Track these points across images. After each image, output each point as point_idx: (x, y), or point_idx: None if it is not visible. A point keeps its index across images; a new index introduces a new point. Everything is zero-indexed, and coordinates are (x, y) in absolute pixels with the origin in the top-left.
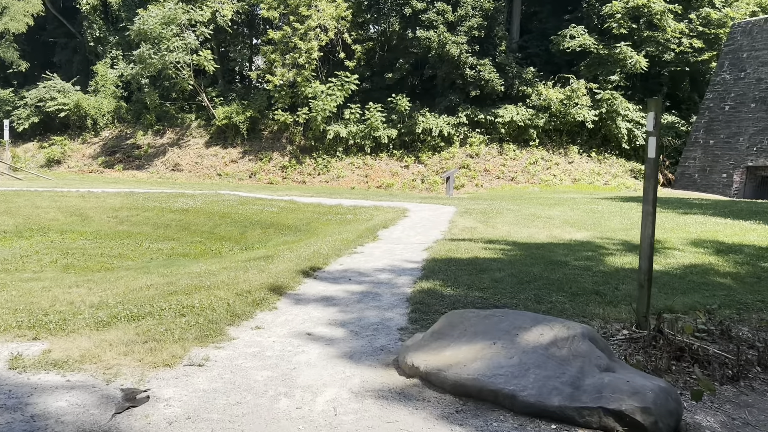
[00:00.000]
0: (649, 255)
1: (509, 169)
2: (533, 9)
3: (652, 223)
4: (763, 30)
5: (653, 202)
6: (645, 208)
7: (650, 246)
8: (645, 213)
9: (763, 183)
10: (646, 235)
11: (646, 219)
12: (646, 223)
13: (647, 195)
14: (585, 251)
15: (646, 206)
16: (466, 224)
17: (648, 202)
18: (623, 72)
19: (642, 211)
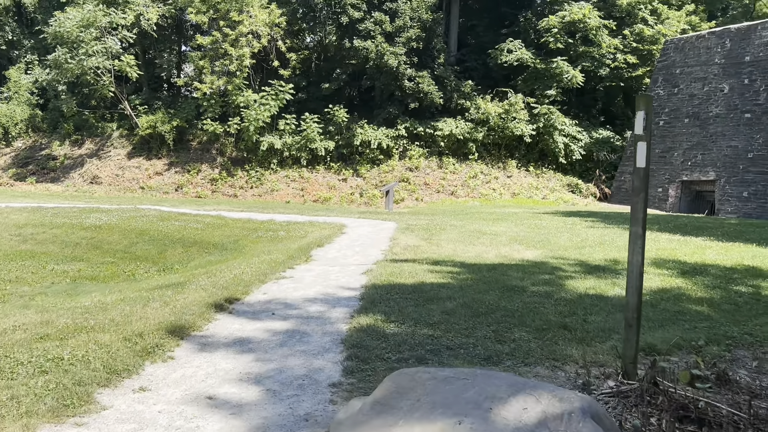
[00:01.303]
0: (638, 287)
1: (449, 182)
2: (471, 23)
3: (641, 247)
4: (695, 47)
5: (643, 222)
6: (633, 230)
7: (639, 276)
8: (633, 236)
9: (697, 197)
10: (635, 263)
11: (634, 243)
12: (634, 248)
13: (635, 213)
14: (541, 274)
15: (634, 227)
16: (409, 242)
17: (636, 222)
18: (560, 87)
19: (629, 233)
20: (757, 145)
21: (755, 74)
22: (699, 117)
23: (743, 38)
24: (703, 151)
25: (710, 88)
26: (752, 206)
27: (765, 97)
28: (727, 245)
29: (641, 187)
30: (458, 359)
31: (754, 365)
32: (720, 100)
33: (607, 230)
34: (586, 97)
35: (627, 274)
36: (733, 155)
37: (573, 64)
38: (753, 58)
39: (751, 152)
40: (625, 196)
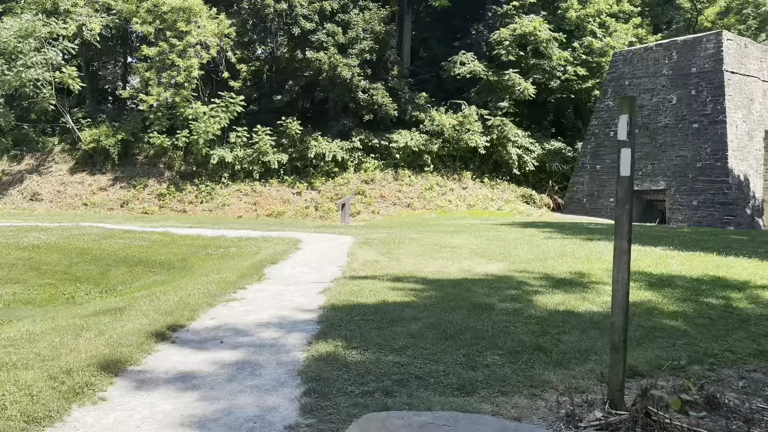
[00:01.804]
0: (625, 307)
1: (405, 195)
2: (423, 35)
3: (627, 263)
4: (643, 59)
5: (628, 235)
6: (618, 244)
7: (626, 294)
8: (618, 251)
9: (648, 206)
10: (621, 281)
11: (619, 259)
12: (619, 264)
13: (621, 226)
14: (507, 289)
15: (619, 241)
16: (367, 257)
17: (622, 236)
18: (512, 99)
19: (614, 247)
20: (705, 155)
21: (702, 85)
22: (648, 128)
23: (689, 50)
24: (653, 161)
25: (659, 99)
26: (702, 215)
27: (712, 108)
28: (688, 255)
29: (626, 198)
30: (429, 390)
31: (740, 385)
32: (668, 110)
33: (565, 241)
34: (537, 109)
35: (612, 292)
36: (683, 165)
37: (525, 76)
38: (699, 70)
39: (700, 162)
40: (577, 207)
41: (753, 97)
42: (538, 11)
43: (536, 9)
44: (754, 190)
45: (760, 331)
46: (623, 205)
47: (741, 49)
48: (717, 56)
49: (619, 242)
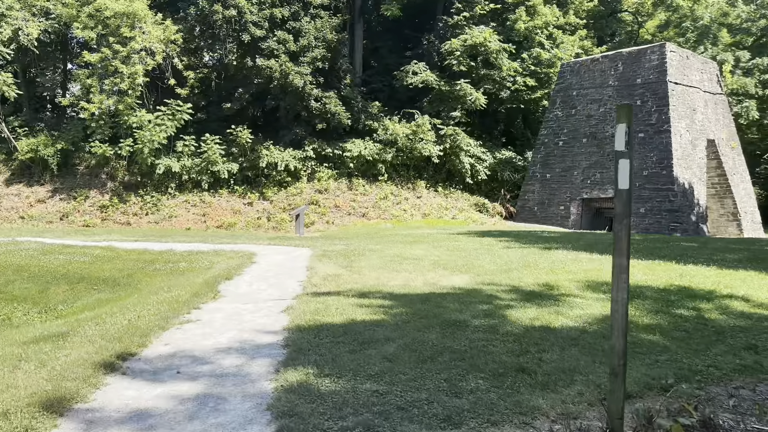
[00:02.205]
0: (624, 328)
1: (360, 204)
2: (375, 45)
3: (626, 282)
4: (590, 70)
5: (627, 252)
6: (617, 262)
7: (625, 315)
8: (617, 269)
9: (597, 214)
10: (620, 301)
11: (618, 278)
12: (618, 283)
13: (620, 242)
14: (478, 303)
15: (618, 258)
16: (328, 271)
17: (621, 253)
18: (464, 108)
19: (612, 266)
20: (651, 164)
21: (647, 95)
22: (596, 137)
23: (634, 62)
24: (601, 169)
25: (606, 109)
26: (649, 221)
27: (657, 118)
28: (649, 263)
29: (624, 212)
30: (414, 423)
31: (731, 404)
32: (615, 120)
33: (525, 251)
34: (488, 119)
35: (611, 313)
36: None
37: (476, 86)
38: (644, 81)
39: (646, 170)
40: (529, 215)
41: (695, 107)
42: (487, 22)
43: (486, 20)
44: (698, 197)
45: (738, 344)
46: (621, 219)
47: (683, 60)
48: (661, 68)
49: (618, 259)
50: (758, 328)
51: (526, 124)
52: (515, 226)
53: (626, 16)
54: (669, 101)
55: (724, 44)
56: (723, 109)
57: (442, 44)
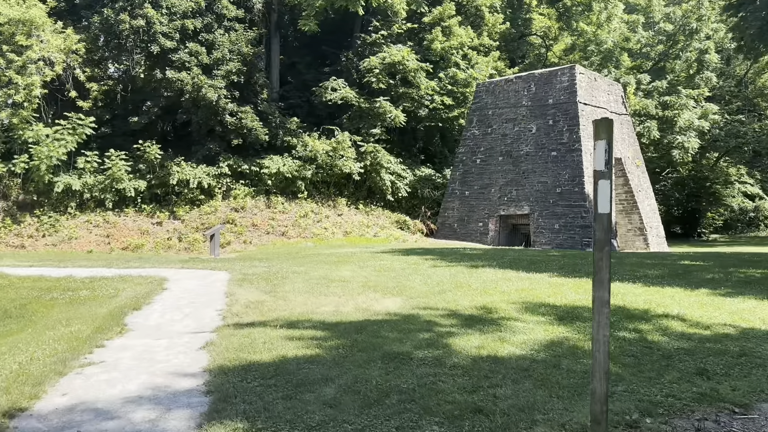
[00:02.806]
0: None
1: (279, 223)
2: (292, 60)
3: (607, 317)
4: (504, 90)
5: (608, 283)
6: (598, 295)
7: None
8: (598, 303)
9: (514, 230)
10: (602, 340)
11: (599, 312)
12: (600, 319)
13: (600, 273)
14: (418, 331)
15: (599, 291)
16: (250, 297)
17: (601, 285)
18: (384, 126)
19: (593, 299)
20: (564, 181)
21: (558, 115)
22: (512, 155)
23: (546, 83)
24: (517, 186)
25: (520, 128)
26: (563, 237)
27: (568, 137)
28: (576, 281)
29: (605, 240)
30: None
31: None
32: (529, 139)
33: (453, 269)
34: (407, 136)
35: (592, 352)
36: (544, 190)
37: (395, 104)
38: (555, 101)
39: (559, 187)
40: (449, 231)
41: None
42: (405, 41)
43: (403, 39)
44: None
45: (688, 369)
46: (602, 247)
47: (591, 82)
48: (571, 89)
49: (598, 292)
50: (702, 351)
51: (444, 141)
52: (437, 243)
53: (535, 39)
54: (579, 121)
55: (626, 67)
56: (628, 128)
57: (360, 61)
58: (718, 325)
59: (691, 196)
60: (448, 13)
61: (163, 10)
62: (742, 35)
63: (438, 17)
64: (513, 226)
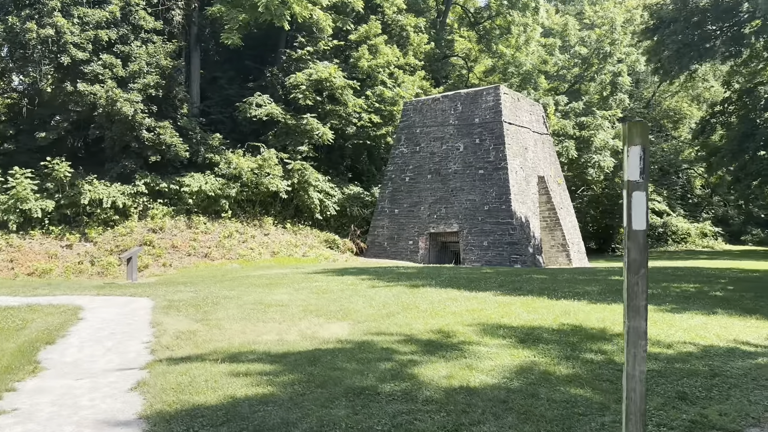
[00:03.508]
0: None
1: (201, 244)
2: (213, 74)
3: (644, 350)
4: (432, 108)
5: (644, 311)
6: (633, 325)
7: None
8: (633, 334)
9: (443, 248)
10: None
11: (635, 346)
12: (636, 353)
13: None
14: (377, 361)
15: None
16: (180, 326)
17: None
18: (311, 143)
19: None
20: (491, 198)
21: (484, 134)
22: (440, 173)
23: (472, 102)
24: (446, 204)
25: (448, 147)
26: (492, 254)
27: (494, 155)
28: (524, 300)
29: (641, 261)
30: None
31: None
32: (457, 157)
33: (393, 290)
34: (334, 154)
35: (624, 392)
36: (473, 208)
37: (323, 121)
38: (481, 120)
39: (487, 205)
40: (379, 250)
41: (527, 145)
42: (331, 59)
43: (329, 56)
44: (533, 230)
45: (668, 393)
46: (638, 270)
47: (515, 102)
48: (496, 108)
49: (633, 322)
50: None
51: (371, 159)
52: (368, 262)
53: (457, 61)
54: (504, 140)
55: (543, 89)
56: (549, 147)
57: (286, 77)
58: (678, 343)
59: (605, 213)
60: (374, 31)
61: (74, 20)
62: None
63: (364, 35)
64: (443, 244)
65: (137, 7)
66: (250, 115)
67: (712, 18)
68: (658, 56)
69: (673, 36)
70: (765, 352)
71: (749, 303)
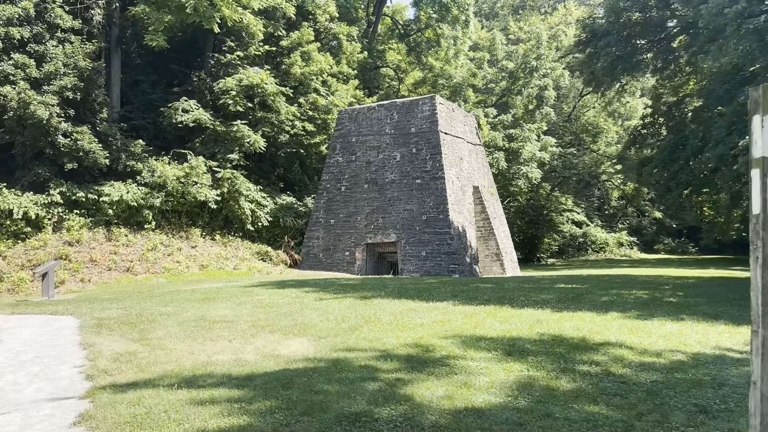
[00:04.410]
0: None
1: (123, 257)
2: (135, 78)
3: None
4: (368, 117)
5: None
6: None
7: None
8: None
9: (380, 258)
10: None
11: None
12: None
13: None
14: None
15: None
16: (116, 347)
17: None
18: (242, 151)
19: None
20: (429, 208)
21: (421, 144)
22: (377, 182)
23: (408, 111)
24: (383, 214)
25: (384, 156)
26: (430, 264)
27: (431, 165)
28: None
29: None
30: None
31: None
32: (394, 167)
33: (344, 302)
34: (266, 163)
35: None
36: (410, 218)
37: (254, 128)
38: (417, 130)
39: (425, 215)
40: (314, 262)
41: (462, 155)
42: (262, 64)
43: (260, 62)
44: (470, 240)
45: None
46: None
47: (450, 112)
48: (432, 118)
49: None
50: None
51: (303, 169)
52: (305, 275)
53: (388, 72)
54: (441, 149)
55: (472, 102)
56: (482, 158)
57: (215, 82)
58: (666, 351)
59: (530, 224)
60: (306, 38)
61: None
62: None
63: (296, 42)
64: (380, 254)
65: (53, 5)
66: (175, 121)
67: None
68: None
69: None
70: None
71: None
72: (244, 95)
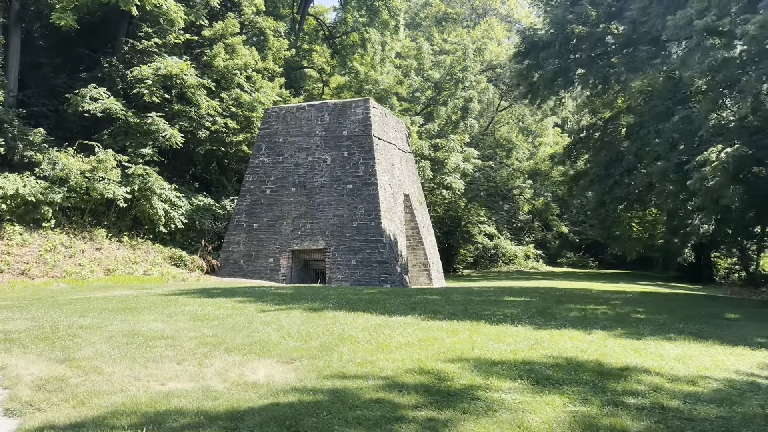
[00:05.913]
0: None
1: (17, 258)
2: (37, 60)
3: None
4: (297, 117)
5: None
6: None
7: None
8: None
9: (306, 266)
10: None
11: None
12: None
13: None
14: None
15: None
16: (37, 370)
17: None
18: (156, 146)
19: None
20: (361, 215)
21: (353, 148)
22: (306, 186)
23: (340, 113)
24: (311, 220)
25: (314, 159)
26: (361, 273)
27: (364, 170)
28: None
29: None
30: None
31: None
32: (324, 170)
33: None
34: (180, 160)
35: None
36: (340, 224)
37: (170, 122)
38: (350, 133)
39: (356, 221)
40: (234, 268)
41: (393, 162)
42: (181, 54)
43: (179, 51)
44: (401, 249)
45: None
46: None
47: (382, 117)
48: (366, 122)
49: None
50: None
51: (222, 169)
52: (226, 282)
53: (313, 74)
54: (374, 155)
55: (399, 109)
56: (412, 166)
57: (128, 70)
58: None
59: (449, 234)
60: (231, 30)
61: None
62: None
63: (220, 33)
64: (305, 262)
65: None
66: (82, 110)
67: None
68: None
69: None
70: None
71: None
72: (161, 85)
